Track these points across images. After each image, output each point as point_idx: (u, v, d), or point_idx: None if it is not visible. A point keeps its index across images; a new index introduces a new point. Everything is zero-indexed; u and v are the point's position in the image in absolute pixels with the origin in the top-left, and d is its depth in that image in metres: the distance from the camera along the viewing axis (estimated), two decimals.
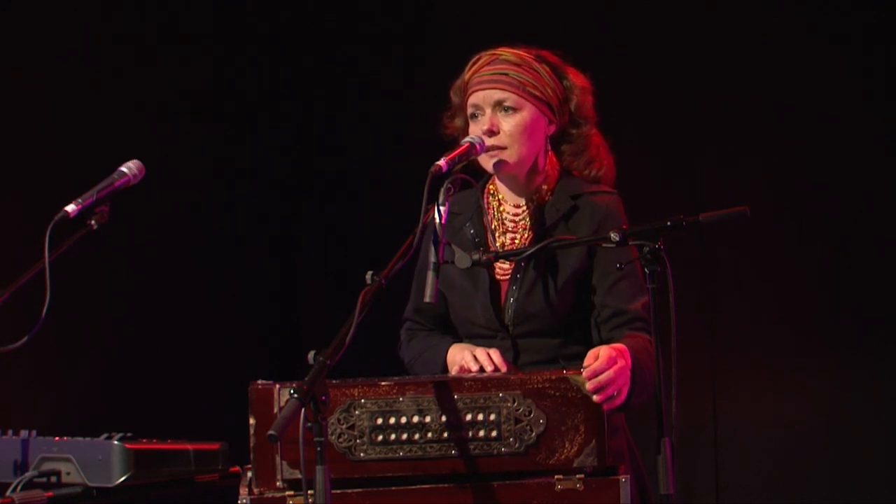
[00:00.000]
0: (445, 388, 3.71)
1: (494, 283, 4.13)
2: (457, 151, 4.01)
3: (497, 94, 4.07)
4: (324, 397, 3.39)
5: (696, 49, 6.31)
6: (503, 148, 4.06)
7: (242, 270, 6.85)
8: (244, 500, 3.73)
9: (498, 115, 4.07)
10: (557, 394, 3.70)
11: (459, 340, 4.19)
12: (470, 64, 4.15)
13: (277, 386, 3.73)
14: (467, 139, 4.08)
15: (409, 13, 6.93)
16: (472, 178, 4.03)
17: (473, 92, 4.10)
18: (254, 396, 3.74)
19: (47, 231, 4.06)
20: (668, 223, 3.82)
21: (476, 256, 3.91)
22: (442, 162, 3.92)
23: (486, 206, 4.20)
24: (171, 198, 6.45)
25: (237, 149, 6.91)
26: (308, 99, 7.09)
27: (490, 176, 4.20)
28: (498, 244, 4.16)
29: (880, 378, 6.10)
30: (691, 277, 6.11)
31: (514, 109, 4.06)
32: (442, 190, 3.88)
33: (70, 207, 4.12)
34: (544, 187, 4.14)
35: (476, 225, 4.18)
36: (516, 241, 4.14)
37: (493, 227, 4.18)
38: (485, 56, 4.13)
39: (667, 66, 6.34)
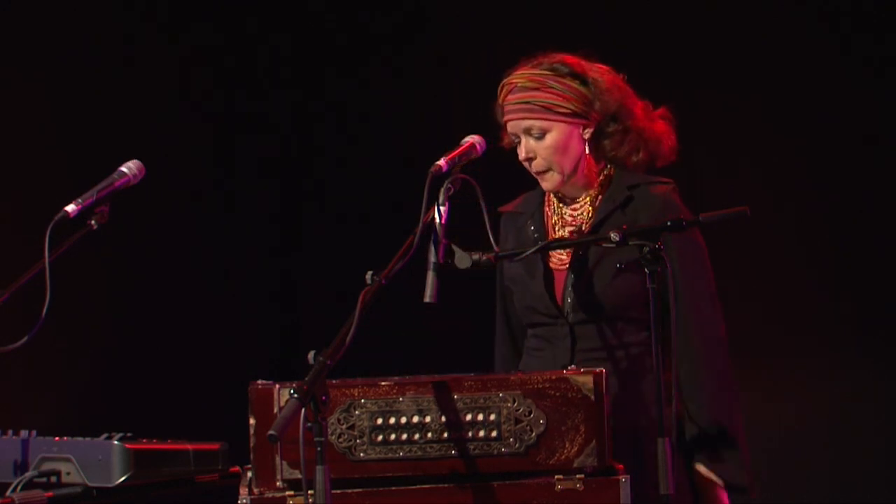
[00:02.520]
0: (445, 388, 3.72)
1: (549, 272, 4.24)
2: (457, 151, 4.06)
3: (523, 124, 4.21)
4: (324, 397, 3.40)
5: (696, 49, 6.31)
6: (546, 170, 4.23)
7: (242, 270, 6.85)
8: (244, 500, 3.73)
9: (531, 141, 4.21)
10: (557, 394, 3.70)
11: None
12: (499, 89, 4.26)
13: (277, 386, 3.73)
14: (468, 138, 4.13)
15: (409, 13, 6.92)
16: (472, 178, 4.06)
17: (506, 122, 4.26)
18: (254, 396, 3.74)
19: (47, 231, 4.06)
20: (668, 223, 3.84)
21: (476, 257, 3.93)
22: (442, 162, 3.96)
23: (547, 203, 4.32)
24: (171, 198, 6.45)
25: (237, 148, 6.91)
26: (308, 98, 7.09)
27: None
28: (557, 236, 4.27)
29: (880, 378, 6.10)
30: None
31: (543, 133, 4.20)
32: (442, 190, 3.91)
33: (70, 207, 4.12)
34: (599, 180, 4.26)
35: (536, 222, 4.32)
36: (575, 234, 4.23)
37: (552, 221, 4.31)
38: (507, 84, 4.24)
39: (667, 66, 6.34)
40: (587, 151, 4.24)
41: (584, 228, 4.22)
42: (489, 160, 4.20)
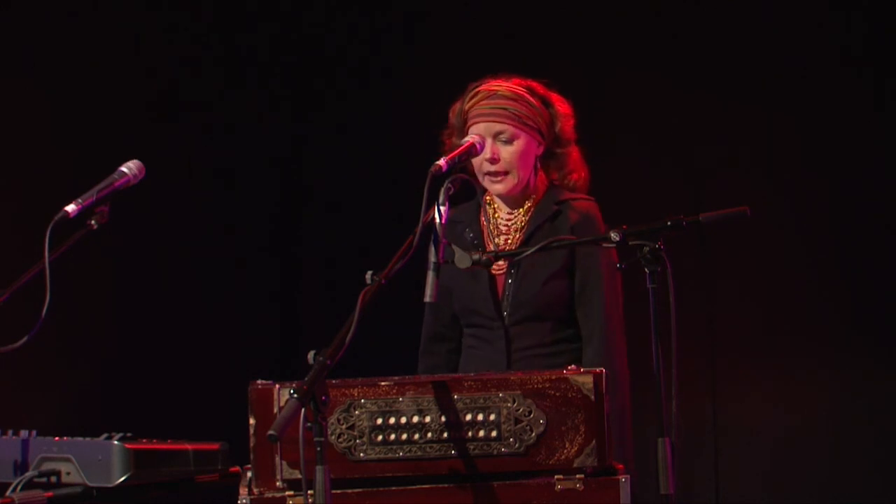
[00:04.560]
0: (445, 388, 3.72)
1: (492, 277, 4.46)
2: (457, 151, 4.15)
3: (497, 126, 4.42)
4: (324, 397, 3.40)
5: (697, 49, 6.31)
6: (505, 173, 4.43)
7: (242, 270, 6.85)
8: (244, 500, 3.73)
9: (497, 144, 4.41)
10: (557, 394, 3.71)
11: None
12: (470, 94, 4.48)
13: (277, 386, 3.73)
14: (468, 138, 4.20)
15: (407, 13, 6.92)
16: (471, 177, 4.10)
17: (475, 123, 4.43)
18: (254, 396, 3.74)
19: (47, 231, 4.06)
20: (668, 223, 3.85)
21: (476, 256, 3.95)
22: (442, 162, 4.02)
23: (483, 213, 4.55)
24: (171, 197, 6.44)
25: (237, 148, 6.90)
26: (308, 98, 7.09)
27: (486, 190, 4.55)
28: (492, 245, 4.49)
29: (880, 378, 6.10)
30: (691, 277, 6.11)
31: (512, 139, 4.42)
32: (442, 190, 3.93)
33: (70, 207, 4.12)
34: (533, 197, 4.50)
35: (475, 229, 4.51)
36: (509, 242, 4.48)
37: (488, 230, 4.51)
38: (483, 91, 4.46)
39: (667, 66, 6.34)
40: (537, 166, 4.50)
41: (516, 237, 4.47)
42: None
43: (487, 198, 4.54)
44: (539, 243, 4.16)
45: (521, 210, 4.49)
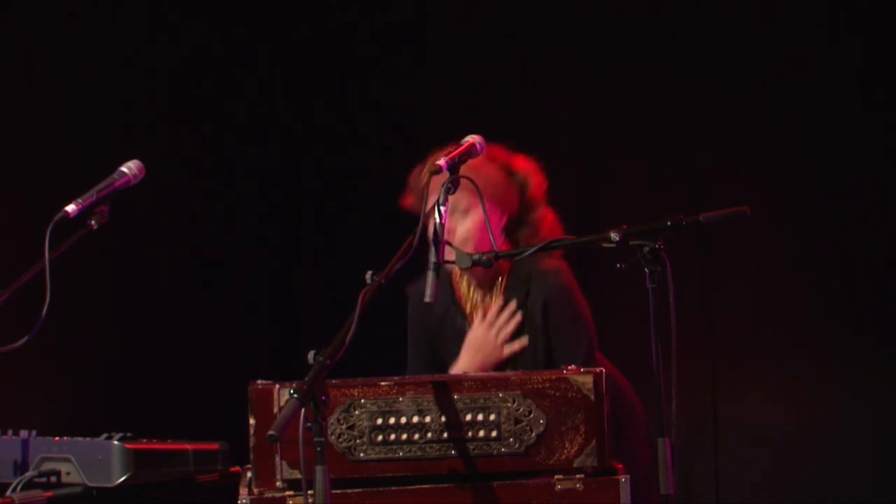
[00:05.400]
0: (445, 388, 3.72)
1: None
2: (457, 151, 4.07)
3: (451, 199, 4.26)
4: (324, 397, 3.40)
5: (697, 49, 6.31)
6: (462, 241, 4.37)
7: (242, 270, 6.84)
8: (244, 500, 3.73)
9: (454, 217, 4.35)
10: (557, 394, 3.71)
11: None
12: (427, 167, 4.36)
13: (277, 386, 3.74)
14: (468, 138, 4.15)
15: (407, 13, 6.92)
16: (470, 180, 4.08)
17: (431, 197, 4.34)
18: (254, 396, 3.74)
19: (47, 231, 4.06)
20: (668, 223, 3.85)
21: (476, 256, 3.94)
22: (442, 162, 3.96)
23: (455, 286, 4.49)
24: (172, 197, 6.44)
25: (237, 149, 6.90)
26: (308, 98, 7.09)
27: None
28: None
29: (879, 378, 6.10)
30: (691, 277, 6.11)
31: (468, 210, 4.37)
32: (442, 189, 3.90)
33: (70, 207, 4.12)
34: (502, 277, 4.45)
35: (459, 310, 4.48)
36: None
37: (468, 308, 4.47)
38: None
39: (667, 66, 6.34)
40: (502, 239, 4.43)
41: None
42: None
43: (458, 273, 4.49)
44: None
45: (494, 293, 4.45)
